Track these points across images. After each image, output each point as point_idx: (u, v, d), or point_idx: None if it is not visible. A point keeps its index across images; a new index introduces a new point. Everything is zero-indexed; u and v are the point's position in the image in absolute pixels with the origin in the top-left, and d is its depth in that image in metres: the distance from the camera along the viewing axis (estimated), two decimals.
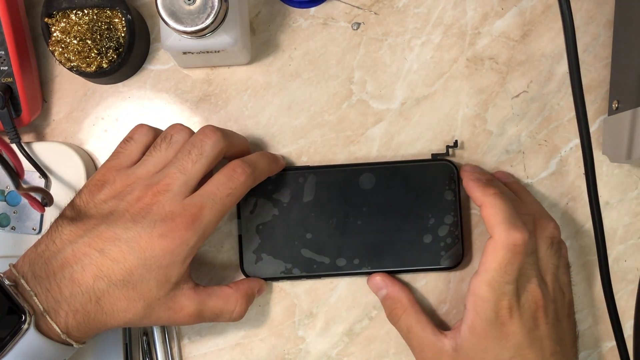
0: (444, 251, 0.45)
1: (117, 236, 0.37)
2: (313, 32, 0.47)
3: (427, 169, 0.45)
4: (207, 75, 0.47)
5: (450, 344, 0.41)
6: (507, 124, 0.47)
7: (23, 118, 0.44)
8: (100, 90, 0.47)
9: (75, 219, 0.38)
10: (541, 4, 0.47)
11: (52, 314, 0.36)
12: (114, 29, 0.43)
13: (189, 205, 0.38)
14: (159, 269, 0.37)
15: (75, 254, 0.37)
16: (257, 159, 0.42)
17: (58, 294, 0.36)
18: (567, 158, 0.47)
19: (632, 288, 0.47)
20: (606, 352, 0.47)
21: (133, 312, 0.38)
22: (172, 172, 0.39)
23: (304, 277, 0.45)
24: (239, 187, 0.40)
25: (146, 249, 0.37)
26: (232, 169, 0.40)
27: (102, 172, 0.40)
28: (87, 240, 0.37)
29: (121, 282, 0.37)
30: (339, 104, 0.47)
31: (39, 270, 0.37)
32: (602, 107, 0.47)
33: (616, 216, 0.47)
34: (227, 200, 0.39)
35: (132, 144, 0.41)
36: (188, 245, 0.38)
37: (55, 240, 0.38)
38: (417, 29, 0.47)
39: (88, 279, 0.36)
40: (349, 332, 0.47)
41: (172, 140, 0.40)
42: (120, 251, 0.37)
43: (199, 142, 0.40)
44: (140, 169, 0.40)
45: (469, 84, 0.47)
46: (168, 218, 0.37)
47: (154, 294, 0.38)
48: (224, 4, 0.38)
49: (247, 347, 0.47)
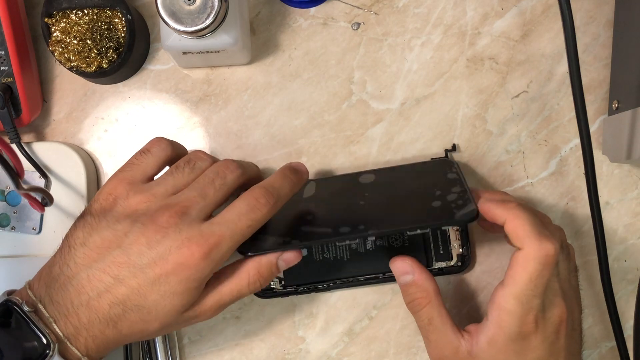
0: (456, 209, 0.39)
1: (132, 262, 0.36)
2: (313, 32, 0.47)
3: (426, 164, 0.45)
4: (207, 75, 0.47)
5: (466, 347, 0.40)
6: (507, 124, 0.47)
7: (23, 118, 0.44)
8: (100, 90, 0.47)
9: (87, 240, 0.37)
10: (541, 4, 0.47)
11: (73, 340, 0.36)
12: (114, 29, 0.44)
13: (207, 234, 0.36)
14: (174, 295, 0.36)
15: (91, 280, 0.36)
16: (281, 185, 0.40)
17: (77, 321, 0.36)
18: (567, 158, 0.47)
19: (632, 288, 0.47)
20: (606, 352, 0.47)
21: (150, 330, 0.37)
22: (192, 195, 0.37)
23: (304, 246, 0.41)
24: (260, 219, 0.38)
25: (160, 276, 0.36)
26: (255, 198, 0.38)
27: (114, 184, 0.39)
28: (101, 266, 0.36)
29: (136, 307, 0.36)
30: (339, 104, 0.47)
31: (56, 296, 0.36)
32: (602, 107, 0.47)
33: (616, 216, 0.47)
34: (247, 231, 0.37)
35: (148, 157, 0.40)
36: (203, 274, 0.37)
37: (69, 263, 0.37)
38: (417, 29, 0.47)
39: (104, 305, 0.36)
40: (349, 332, 0.47)
41: (195, 166, 0.39)
42: (134, 278, 0.36)
43: (223, 172, 0.39)
44: (157, 187, 0.38)
45: (469, 84, 0.47)
46: (184, 245, 0.36)
47: (169, 315, 0.37)
48: (224, 4, 0.38)
49: (247, 347, 0.47)
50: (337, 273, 0.45)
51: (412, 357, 0.47)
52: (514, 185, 0.47)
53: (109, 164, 0.47)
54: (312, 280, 0.45)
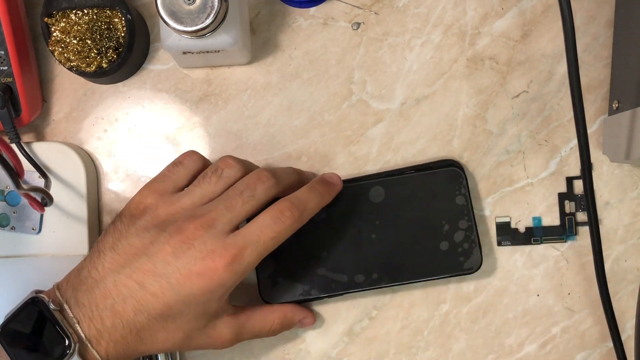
0: (462, 257, 0.44)
1: (158, 270, 0.37)
2: (313, 32, 0.47)
3: (435, 177, 0.45)
4: (207, 75, 0.47)
5: None
6: (507, 124, 0.47)
7: (23, 118, 0.44)
8: (100, 90, 0.47)
9: (116, 245, 0.38)
10: (541, 4, 0.47)
11: (94, 343, 0.36)
12: (114, 29, 0.43)
13: (230, 246, 0.37)
14: (197, 306, 0.37)
15: (117, 285, 0.37)
16: (308, 198, 0.40)
17: (100, 324, 0.36)
18: (567, 158, 0.47)
19: (632, 288, 0.46)
20: (606, 352, 0.47)
21: (172, 342, 0.38)
22: (219, 207, 0.38)
23: (324, 297, 0.44)
24: (284, 232, 0.38)
25: (184, 286, 0.36)
26: (280, 211, 0.38)
27: (145, 194, 0.40)
28: (128, 272, 0.37)
29: (160, 315, 0.37)
30: (339, 104, 0.47)
31: (82, 298, 0.37)
32: (602, 107, 0.47)
33: (616, 216, 0.47)
34: (270, 244, 0.38)
35: (180, 169, 0.41)
36: (225, 285, 0.37)
37: (97, 267, 0.37)
38: (417, 29, 0.47)
39: (129, 311, 0.36)
40: (349, 332, 0.47)
41: (222, 174, 0.40)
42: (159, 286, 0.36)
43: (253, 184, 0.39)
44: (185, 199, 0.39)
45: (469, 84, 0.47)
46: (208, 257, 0.36)
47: (192, 326, 0.38)
48: (224, 4, 0.38)
49: (247, 347, 0.47)
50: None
51: (412, 357, 0.47)
52: (514, 185, 0.47)
53: (109, 163, 0.47)
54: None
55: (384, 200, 0.45)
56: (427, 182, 0.45)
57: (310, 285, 0.44)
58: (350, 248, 0.44)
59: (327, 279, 0.44)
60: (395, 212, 0.44)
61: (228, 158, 0.41)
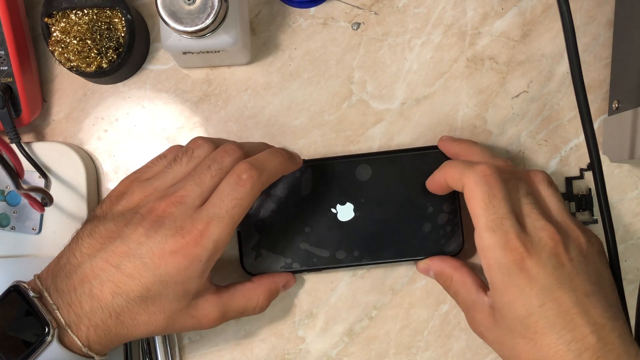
0: (444, 239, 0.44)
1: (131, 252, 0.36)
2: (313, 32, 0.47)
3: (422, 158, 0.45)
4: (207, 75, 0.47)
5: (488, 302, 0.39)
6: (507, 124, 0.47)
7: (23, 118, 0.44)
8: (100, 90, 0.47)
9: (93, 231, 0.38)
10: (541, 4, 0.47)
11: (74, 328, 0.36)
12: (114, 29, 0.43)
13: (197, 220, 0.37)
14: (176, 285, 0.37)
15: (94, 269, 0.37)
16: (266, 159, 0.39)
17: (79, 309, 0.36)
18: (567, 158, 0.47)
19: (632, 288, 0.47)
20: None
21: (155, 325, 0.38)
22: (188, 184, 0.38)
23: (304, 271, 0.45)
24: (245, 197, 0.37)
25: (159, 266, 0.36)
26: (237, 175, 0.37)
27: (124, 184, 0.40)
28: (104, 255, 0.37)
29: (139, 297, 0.37)
30: (339, 104, 0.47)
31: (61, 284, 0.37)
32: (602, 107, 0.47)
33: (616, 216, 0.47)
34: (235, 212, 0.37)
35: (163, 161, 0.41)
36: (201, 261, 0.37)
37: (75, 253, 0.38)
38: (417, 29, 0.47)
39: (107, 295, 0.36)
40: (349, 332, 0.47)
41: (193, 154, 0.40)
42: (135, 267, 0.36)
43: (220, 157, 0.39)
44: (158, 181, 0.39)
45: (469, 84, 0.47)
46: (178, 234, 0.36)
47: (174, 306, 0.38)
48: (224, 4, 0.38)
49: (247, 347, 0.47)
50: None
51: (412, 357, 0.47)
52: None
53: (109, 163, 0.47)
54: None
55: (370, 179, 0.45)
56: (414, 163, 0.45)
57: (292, 259, 0.45)
58: (334, 224, 0.45)
59: (309, 254, 0.45)
60: (380, 191, 0.45)
61: (198, 139, 0.41)
